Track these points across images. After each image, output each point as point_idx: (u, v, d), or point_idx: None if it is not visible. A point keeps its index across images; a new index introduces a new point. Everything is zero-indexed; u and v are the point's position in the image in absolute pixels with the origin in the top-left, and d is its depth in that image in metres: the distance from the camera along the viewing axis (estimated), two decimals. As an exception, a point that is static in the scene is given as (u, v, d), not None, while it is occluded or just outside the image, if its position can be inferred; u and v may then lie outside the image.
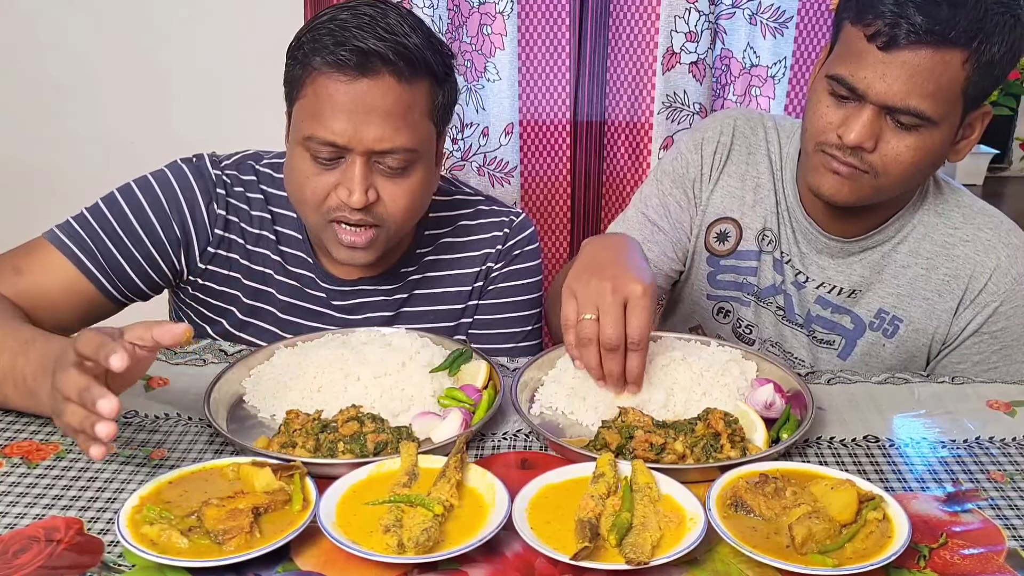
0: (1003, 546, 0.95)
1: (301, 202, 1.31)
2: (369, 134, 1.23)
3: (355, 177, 1.24)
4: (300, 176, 1.28)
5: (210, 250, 1.40)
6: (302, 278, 1.43)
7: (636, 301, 1.10)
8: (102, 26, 2.31)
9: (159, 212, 1.36)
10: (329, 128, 1.22)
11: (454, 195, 1.51)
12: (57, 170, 2.39)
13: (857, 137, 1.27)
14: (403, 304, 1.46)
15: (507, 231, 1.50)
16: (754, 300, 1.56)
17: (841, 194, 1.34)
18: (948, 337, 1.45)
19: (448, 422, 1.11)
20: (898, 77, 1.23)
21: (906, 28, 1.20)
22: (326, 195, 1.27)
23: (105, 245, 1.33)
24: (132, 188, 1.37)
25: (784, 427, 1.13)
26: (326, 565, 0.89)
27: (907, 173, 1.31)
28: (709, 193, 1.57)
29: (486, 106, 2.13)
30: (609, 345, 1.10)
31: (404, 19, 1.25)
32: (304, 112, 1.25)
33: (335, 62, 1.21)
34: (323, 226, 1.31)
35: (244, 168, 1.43)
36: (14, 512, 0.96)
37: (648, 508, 0.93)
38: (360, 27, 1.21)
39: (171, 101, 2.36)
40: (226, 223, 1.40)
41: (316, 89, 1.24)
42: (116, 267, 1.34)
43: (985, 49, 1.22)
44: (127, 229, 1.34)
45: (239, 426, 1.15)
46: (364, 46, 1.20)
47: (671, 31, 2.09)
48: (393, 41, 1.21)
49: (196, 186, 1.38)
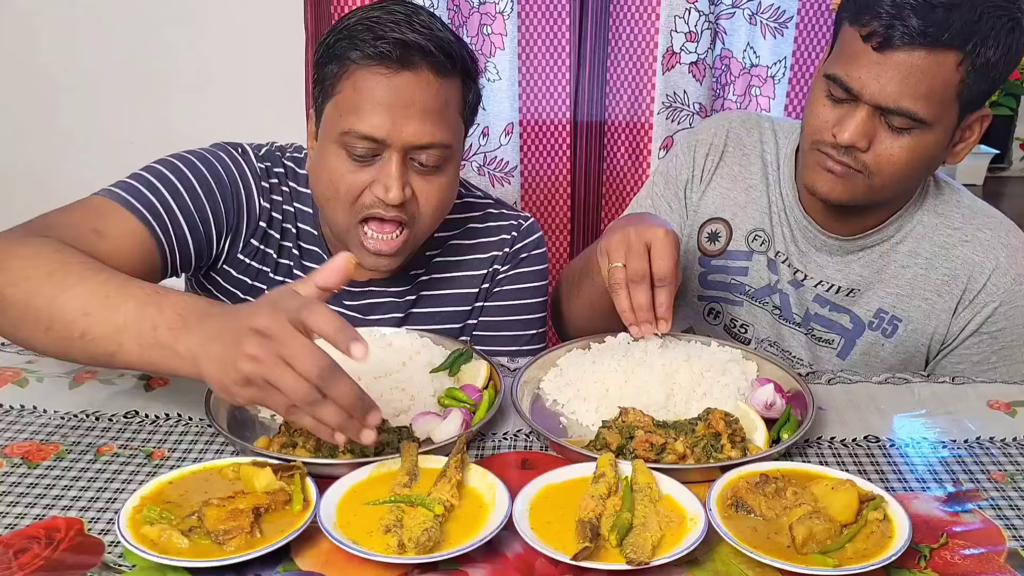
0: (1003, 546, 0.95)
1: (333, 199, 1.28)
2: (408, 128, 1.22)
3: (392, 173, 1.24)
4: (334, 173, 1.26)
5: (253, 242, 1.38)
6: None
7: (659, 242, 1.21)
8: (101, 25, 2.31)
9: (221, 186, 1.32)
10: (368, 122, 1.22)
11: (464, 198, 1.51)
12: (55, 170, 2.39)
13: (850, 137, 1.28)
14: (412, 305, 1.46)
15: (515, 235, 1.50)
16: (747, 300, 1.57)
17: (835, 192, 1.35)
18: (947, 337, 1.45)
19: (448, 422, 1.11)
20: (892, 78, 1.23)
21: (901, 30, 1.21)
22: (360, 192, 1.26)
23: (171, 208, 1.27)
24: (190, 158, 1.31)
25: (785, 427, 1.13)
26: (326, 565, 0.89)
27: (901, 173, 1.31)
28: (701, 195, 1.58)
29: (486, 106, 2.13)
30: (634, 278, 1.21)
31: (434, 18, 1.26)
32: (341, 107, 1.25)
33: (375, 55, 1.21)
34: (352, 227, 1.29)
35: (275, 160, 1.41)
36: (14, 512, 0.96)
37: (649, 508, 0.93)
38: (395, 22, 1.22)
39: (170, 101, 2.36)
40: (270, 217, 1.38)
41: (355, 83, 1.23)
42: (179, 233, 1.28)
43: (980, 52, 1.22)
44: (193, 196, 1.29)
45: (239, 426, 1.15)
46: (404, 38, 1.21)
47: (671, 31, 2.10)
48: (430, 35, 1.22)
49: (249, 173, 1.36)
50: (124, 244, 1.22)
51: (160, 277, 1.30)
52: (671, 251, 1.21)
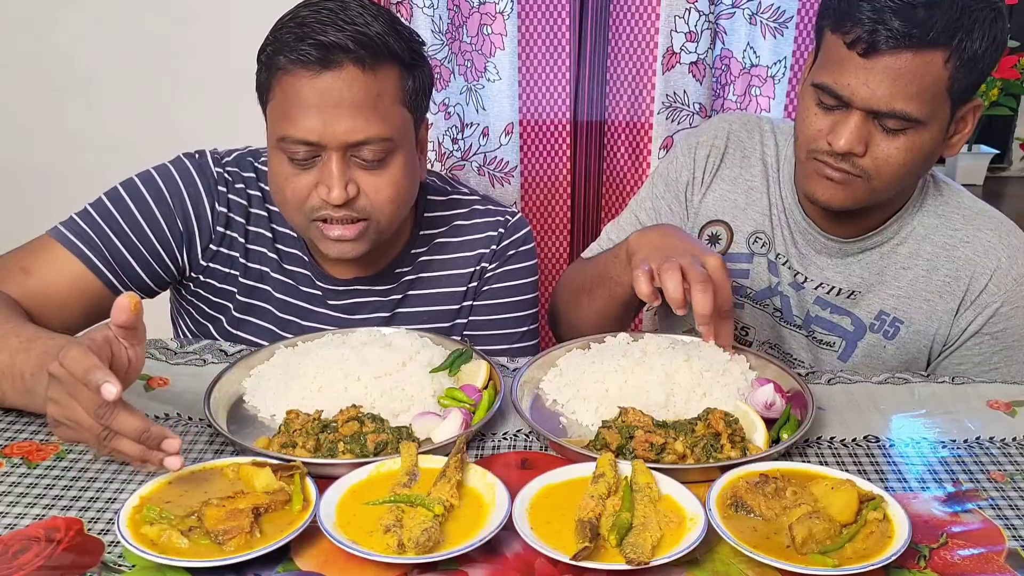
0: (1003, 546, 0.95)
1: (283, 204, 1.31)
2: (340, 127, 1.22)
3: (332, 173, 1.24)
4: (279, 179, 1.28)
5: (212, 247, 1.40)
6: (298, 276, 1.43)
7: (718, 271, 1.20)
8: (103, 27, 2.31)
9: (164, 207, 1.36)
10: (300, 126, 1.22)
11: (450, 195, 1.50)
12: (58, 170, 2.39)
13: (847, 144, 1.28)
14: (398, 304, 1.46)
15: (502, 231, 1.49)
16: (748, 302, 1.57)
17: (836, 199, 1.34)
18: (949, 338, 1.45)
19: (448, 422, 1.11)
20: (881, 82, 1.23)
21: (885, 34, 1.21)
22: (307, 195, 1.27)
23: (111, 241, 1.33)
24: (136, 183, 1.37)
25: (784, 427, 1.13)
26: (326, 565, 0.89)
27: (899, 174, 1.31)
28: (701, 197, 1.57)
29: (486, 106, 2.13)
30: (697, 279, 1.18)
31: (366, 9, 1.25)
32: (275, 114, 1.26)
33: (297, 59, 1.21)
34: (307, 226, 1.31)
35: (244, 165, 1.43)
36: (14, 512, 0.96)
37: (648, 508, 0.93)
38: (320, 21, 1.21)
39: (172, 101, 2.36)
40: (228, 221, 1.40)
41: (283, 89, 1.24)
42: (123, 262, 1.33)
43: (966, 46, 1.22)
44: (132, 224, 1.34)
45: (239, 426, 1.15)
46: (324, 39, 1.20)
47: (671, 31, 2.09)
48: (353, 31, 1.21)
49: (200, 183, 1.38)
50: (52, 279, 1.29)
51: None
52: (728, 280, 1.22)
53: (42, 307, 1.27)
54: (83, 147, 2.38)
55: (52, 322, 1.26)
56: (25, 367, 1.08)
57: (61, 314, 1.29)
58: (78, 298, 1.31)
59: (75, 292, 1.30)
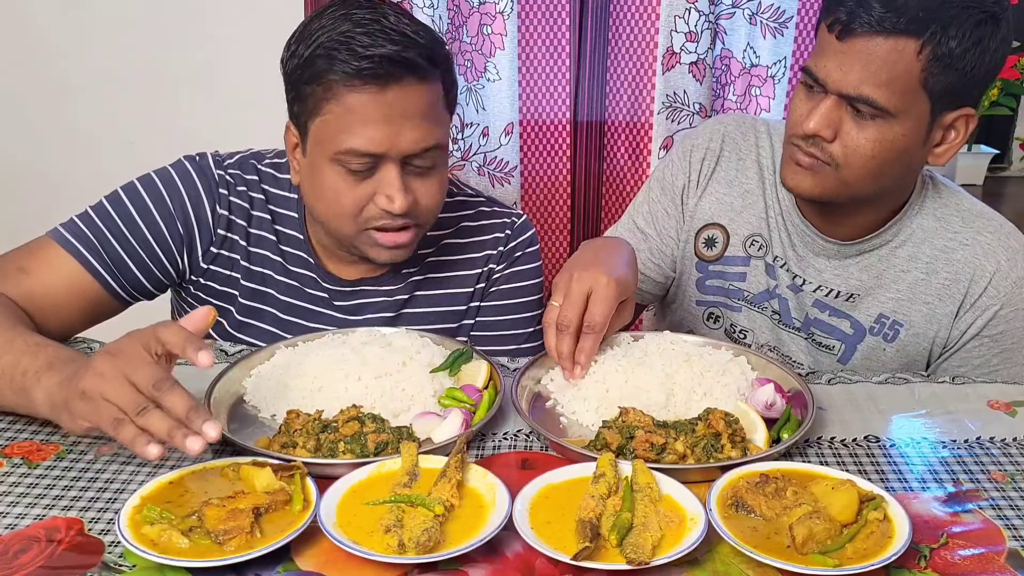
0: (1004, 546, 0.95)
1: (337, 216, 1.29)
2: (405, 139, 1.23)
3: (394, 183, 1.25)
4: (334, 192, 1.27)
5: (213, 250, 1.40)
6: (303, 278, 1.43)
7: (599, 291, 1.21)
8: (108, 27, 2.31)
9: (163, 210, 1.36)
10: (366, 139, 1.22)
11: (456, 196, 1.51)
12: (62, 170, 2.40)
13: (815, 125, 1.29)
14: (404, 305, 1.46)
15: (508, 232, 1.50)
16: (746, 305, 1.56)
17: (803, 185, 1.35)
18: (949, 341, 1.45)
19: (449, 422, 1.11)
20: (853, 66, 1.25)
21: (863, 18, 1.23)
22: (364, 205, 1.27)
23: (110, 243, 1.33)
24: (136, 186, 1.37)
25: (785, 427, 1.13)
26: (326, 565, 0.89)
27: (869, 166, 1.31)
28: (697, 200, 1.57)
29: (486, 106, 2.13)
30: (561, 324, 1.21)
31: (401, 17, 1.24)
32: (331, 128, 1.24)
33: (357, 74, 1.20)
34: (358, 235, 1.30)
35: (247, 168, 1.43)
36: (15, 512, 0.96)
37: (649, 508, 0.93)
38: (368, 34, 1.20)
39: (176, 102, 2.36)
40: (229, 223, 1.40)
41: (343, 104, 1.22)
42: (121, 265, 1.34)
43: (941, 41, 1.22)
44: (131, 227, 1.34)
45: (239, 426, 1.15)
46: (385, 53, 1.19)
47: (671, 31, 2.09)
48: (405, 41, 1.21)
49: (200, 185, 1.38)
50: (50, 280, 1.29)
51: (117, 304, 1.37)
52: (608, 300, 1.20)
53: (40, 308, 1.27)
54: (89, 148, 2.38)
55: (50, 323, 1.27)
56: (30, 365, 1.08)
57: (59, 315, 1.29)
58: (76, 300, 1.31)
59: (73, 294, 1.31)
